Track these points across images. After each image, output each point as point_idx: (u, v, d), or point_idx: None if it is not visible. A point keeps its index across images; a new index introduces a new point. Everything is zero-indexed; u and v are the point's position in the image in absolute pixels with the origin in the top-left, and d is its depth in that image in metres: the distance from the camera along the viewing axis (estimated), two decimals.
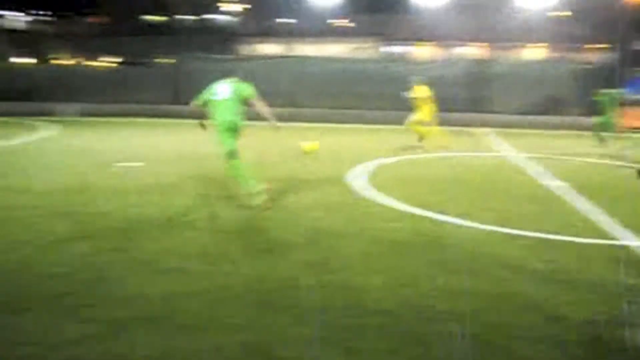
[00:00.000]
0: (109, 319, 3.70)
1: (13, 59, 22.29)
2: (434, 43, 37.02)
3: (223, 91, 7.06)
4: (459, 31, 31.26)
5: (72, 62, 23.97)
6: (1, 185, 7.85)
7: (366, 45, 38.38)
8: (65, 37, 34.47)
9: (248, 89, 7.02)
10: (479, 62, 20.17)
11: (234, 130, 6.84)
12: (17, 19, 48.37)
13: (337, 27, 44.49)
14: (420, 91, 12.29)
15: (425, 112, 12.19)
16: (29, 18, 49.65)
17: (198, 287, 4.26)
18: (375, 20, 39.77)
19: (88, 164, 9.74)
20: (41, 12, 51.55)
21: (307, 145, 10.90)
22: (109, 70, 22.40)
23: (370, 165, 9.94)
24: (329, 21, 41.77)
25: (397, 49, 41.32)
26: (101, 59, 23.13)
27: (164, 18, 43.60)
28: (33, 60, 24.19)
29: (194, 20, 40.54)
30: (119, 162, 9.81)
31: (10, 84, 20.17)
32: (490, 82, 18.93)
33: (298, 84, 19.14)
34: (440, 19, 31.83)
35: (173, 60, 22.86)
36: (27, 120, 17.83)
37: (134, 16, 39.44)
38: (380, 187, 7.88)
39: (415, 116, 12.34)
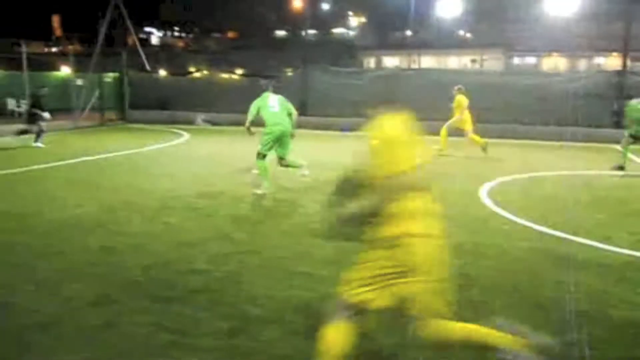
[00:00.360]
0: (241, 316, 3.93)
1: (155, 72, 24.29)
2: (563, 54, 35.09)
3: (275, 104, 8.43)
4: (591, 41, 29.36)
5: (205, 74, 25.62)
6: (141, 188, 8.59)
7: (487, 56, 37.23)
8: (200, 51, 37.10)
9: (289, 103, 8.66)
10: (615, 74, 18.68)
11: (282, 137, 8.19)
12: (155, 35, 52.95)
13: (458, 38, 43.66)
14: (461, 100, 12.79)
15: (465, 120, 12.72)
16: (160, 34, 54.19)
17: (325, 292, 4.39)
18: (498, 30, 38.42)
19: (217, 169, 10.34)
20: (176, 29, 56.03)
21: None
22: (238, 83, 23.64)
23: (499, 180, 9.55)
24: (449, 32, 41.09)
25: (520, 60, 39.68)
26: (235, 71, 24.45)
27: (289, 33, 45.46)
28: (167, 73, 26.19)
29: (317, 34, 41.84)
30: (251, 169, 10.30)
31: (151, 94, 22.08)
32: (626, 95, 17.52)
33: (417, 96, 18.91)
34: (570, 28, 30.06)
35: (290, 73, 23.66)
36: (164, 128, 19.36)
37: (262, 32, 41.46)
38: (510, 204, 7.56)
39: (451, 122, 12.93)
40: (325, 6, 55.37)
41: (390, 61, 43.55)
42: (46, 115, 13.86)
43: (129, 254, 5.24)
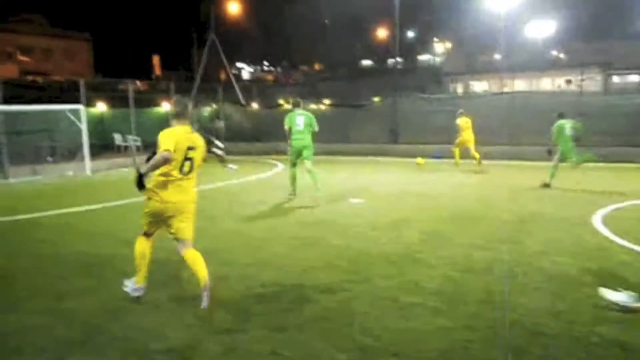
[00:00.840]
0: (357, 347, 3.91)
1: (248, 105, 25.24)
2: None
3: (300, 123, 10.22)
4: None
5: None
6: (245, 218, 8.86)
7: (582, 76, 35.41)
8: (288, 84, 38.27)
9: (313, 120, 10.41)
10: None
11: (302, 149, 10.11)
12: (246, 70, 55.31)
13: (551, 58, 42.09)
14: (462, 122, 15.39)
15: (465, 138, 15.32)
16: (252, 69, 56.53)
17: (438, 324, 4.28)
18: (594, 48, 36.57)
19: (314, 199, 10.44)
20: (265, 63, 58.28)
21: (419, 160, 16.51)
22: (325, 113, 24.04)
23: (613, 207, 8.93)
24: (540, 53, 39.73)
25: (621, 78, 37.53)
26: (322, 102, 24.94)
27: (374, 62, 45.95)
28: (259, 105, 27.12)
29: (403, 62, 41.83)
30: (347, 198, 10.36)
31: (244, 126, 22.99)
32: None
33: (512, 121, 18.37)
34: None
35: (377, 100, 23.73)
36: (259, 159, 20.00)
37: (348, 62, 42.18)
38: (628, 233, 7.04)
39: (457, 140, 15.59)
40: (410, 34, 55.44)
41: (479, 86, 42.68)
42: (219, 144, 16.70)
43: (241, 283, 5.38)
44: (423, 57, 56.96)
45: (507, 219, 8.19)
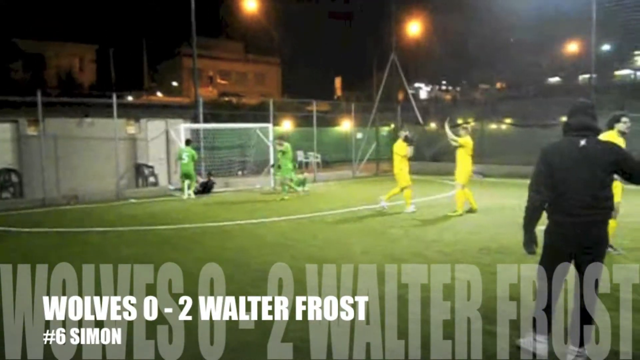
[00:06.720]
0: None
1: (426, 124, 25.00)
2: None
3: (185, 156, 15.20)
4: None
5: (472, 126, 25.42)
6: (423, 240, 8.66)
7: None
8: (467, 103, 37.27)
9: (195, 153, 15.64)
10: None
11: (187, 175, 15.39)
12: (424, 90, 55.22)
13: None
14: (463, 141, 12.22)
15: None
16: (429, 88, 56.13)
17: None
18: None
19: (495, 223, 9.84)
20: (443, 83, 57.56)
21: None
22: (508, 133, 22.85)
23: None
24: None
25: None
26: (504, 121, 23.79)
27: (562, 79, 42.78)
28: (436, 125, 26.71)
29: (596, 78, 38.21)
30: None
31: (423, 146, 22.81)
32: None
33: None
34: None
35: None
36: (437, 179, 19.58)
37: (533, 80, 39.96)
38: None
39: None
40: (606, 47, 50.44)
41: None
42: None
43: (425, 307, 5.15)
44: (621, 72, 51.52)
45: None
